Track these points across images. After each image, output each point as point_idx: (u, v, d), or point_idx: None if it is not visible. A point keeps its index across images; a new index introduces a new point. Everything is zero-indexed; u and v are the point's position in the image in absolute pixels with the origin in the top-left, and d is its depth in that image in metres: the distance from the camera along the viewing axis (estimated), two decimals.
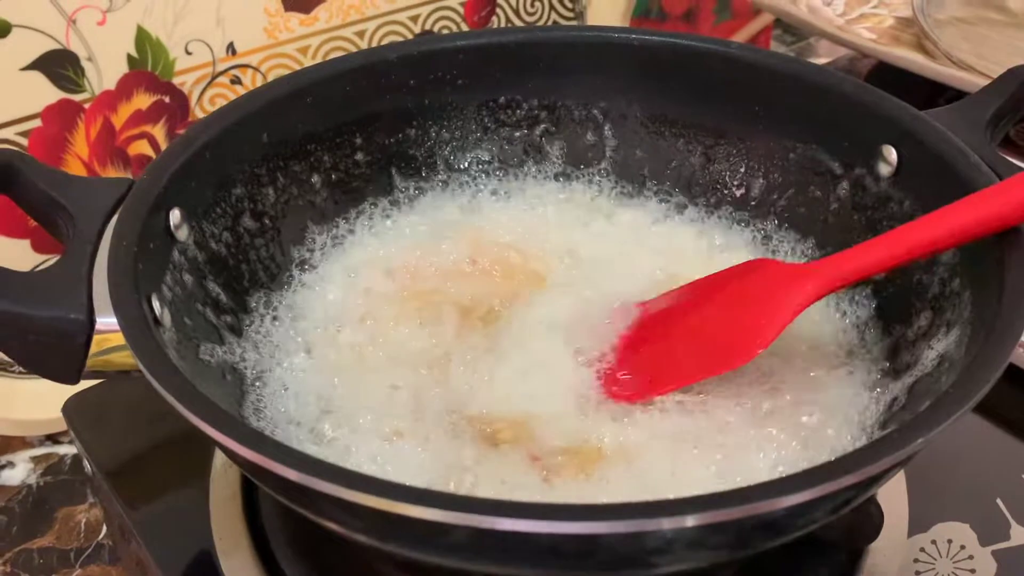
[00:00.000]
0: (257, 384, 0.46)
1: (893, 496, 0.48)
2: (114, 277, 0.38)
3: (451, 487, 0.40)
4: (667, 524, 0.30)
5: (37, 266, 0.70)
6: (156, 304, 0.40)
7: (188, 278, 0.45)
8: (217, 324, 0.45)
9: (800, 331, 0.48)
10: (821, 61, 1.02)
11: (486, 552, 0.34)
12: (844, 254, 0.43)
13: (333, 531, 0.36)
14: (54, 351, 0.38)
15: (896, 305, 0.46)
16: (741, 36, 0.99)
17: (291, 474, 0.31)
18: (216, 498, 0.49)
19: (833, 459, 0.32)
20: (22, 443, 0.71)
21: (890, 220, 0.48)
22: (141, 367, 0.35)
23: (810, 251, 0.53)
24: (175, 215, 0.45)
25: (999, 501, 0.49)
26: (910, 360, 0.43)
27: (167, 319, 0.41)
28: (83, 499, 0.68)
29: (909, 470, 0.49)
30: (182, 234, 0.45)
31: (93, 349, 0.39)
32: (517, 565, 0.34)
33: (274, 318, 0.50)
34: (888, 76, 0.84)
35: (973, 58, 0.81)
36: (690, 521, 0.30)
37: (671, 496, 0.31)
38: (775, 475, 0.41)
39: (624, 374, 0.46)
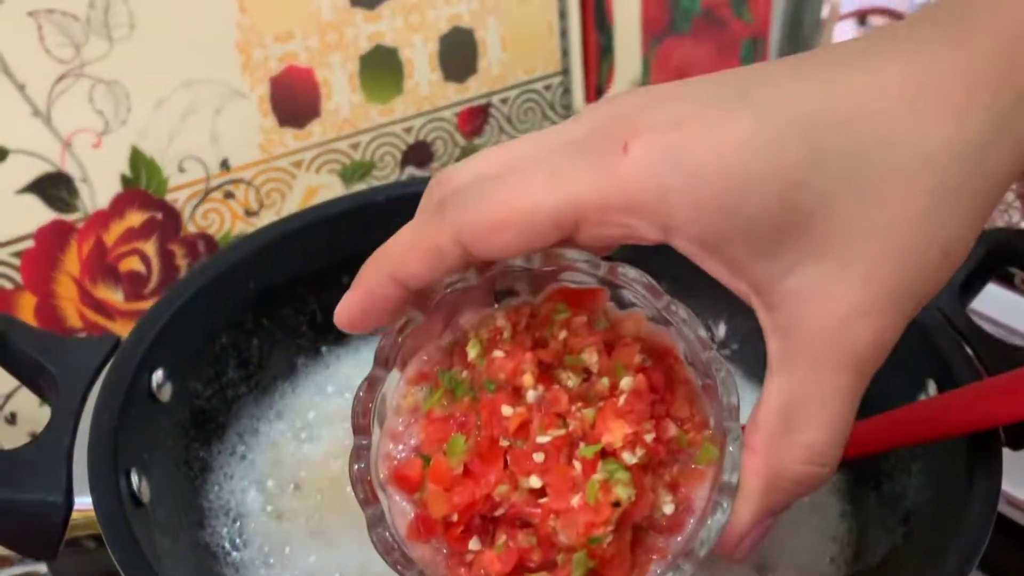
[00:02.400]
0: (238, 544, 0.46)
1: None
2: (93, 456, 0.38)
3: None
4: None
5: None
6: (135, 479, 0.40)
7: (171, 440, 0.45)
8: (197, 486, 0.46)
9: None
10: None
11: None
12: None
13: None
14: (31, 531, 0.38)
15: (864, 485, 0.47)
16: None
17: None
18: None
19: None
20: (2, 561, 0.71)
21: None
22: (111, 555, 0.35)
23: None
24: (158, 376, 0.45)
25: None
26: (878, 541, 0.43)
27: (147, 494, 0.41)
28: None
29: None
30: (165, 394, 0.46)
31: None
32: None
33: (252, 468, 0.50)
34: None
35: None
36: None
37: None
38: None
39: None
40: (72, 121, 0.69)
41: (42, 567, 0.71)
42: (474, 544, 0.31)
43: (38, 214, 0.69)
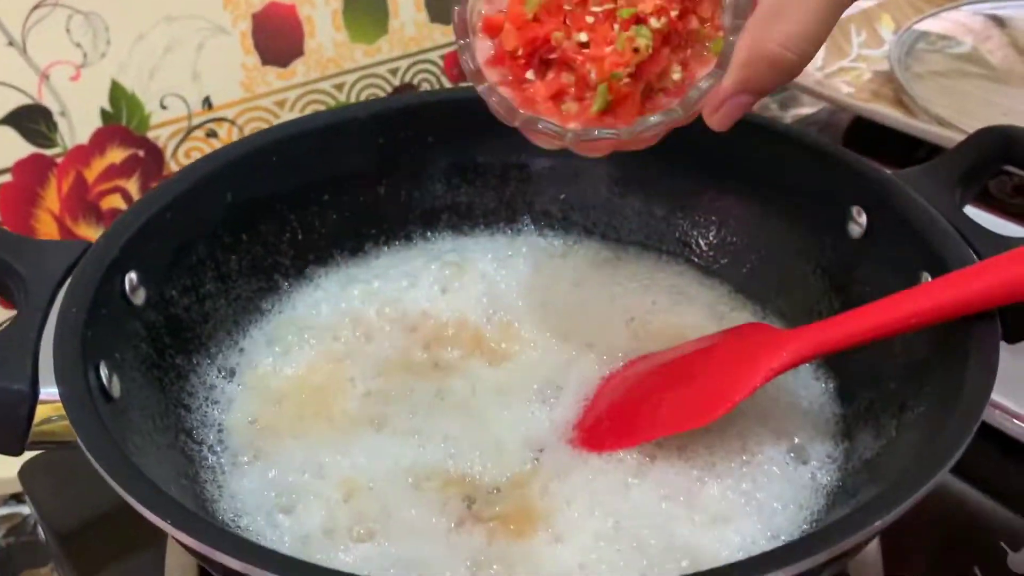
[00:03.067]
0: (216, 445, 0.45)
1: (868, 566, 0.46)
2: (60, 347, 0.37)
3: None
4: None
5: (3, 323, 0.69)
6: (105, 372, 0.39)
7: (145, 343, 0.44)
8: (174, 392, 0.44)
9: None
10: (804, 111, 1.02)
11: None
12: (820, 325, 0.43)
13: None
14: None
15: (866, 374, 0.45)
16: None
17: (232, 563, 0.30)
18: (171, 567, 0.47)
19: (804, 536, 0.31)
20: None
21: (860, 284, 0.47)
22: (81, 443, 0.34)
23: (778, 311, 0.53)
24: (132, 278, 0.44)
25: (976, 569, 0.48)
26: (877, 430, 0.42)
27: (117, 388, 0.40)
28: (46, 560, 0.66)
29: (884, 537, 0.48)
30: (139, 298, 0.44)
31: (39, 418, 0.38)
32: None
33: (232, 380, 0.49)
34: (866, 130, 0.84)
35: (950, 113, 0.81)
36: None
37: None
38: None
39: (597, 425, 0.46)
40: (49, 52, 0.67)
41: (26, 508, 0.70)
42: (530, 75, 0.42)
43: (16, 147, 0.68)
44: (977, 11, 0.99)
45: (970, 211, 0.48)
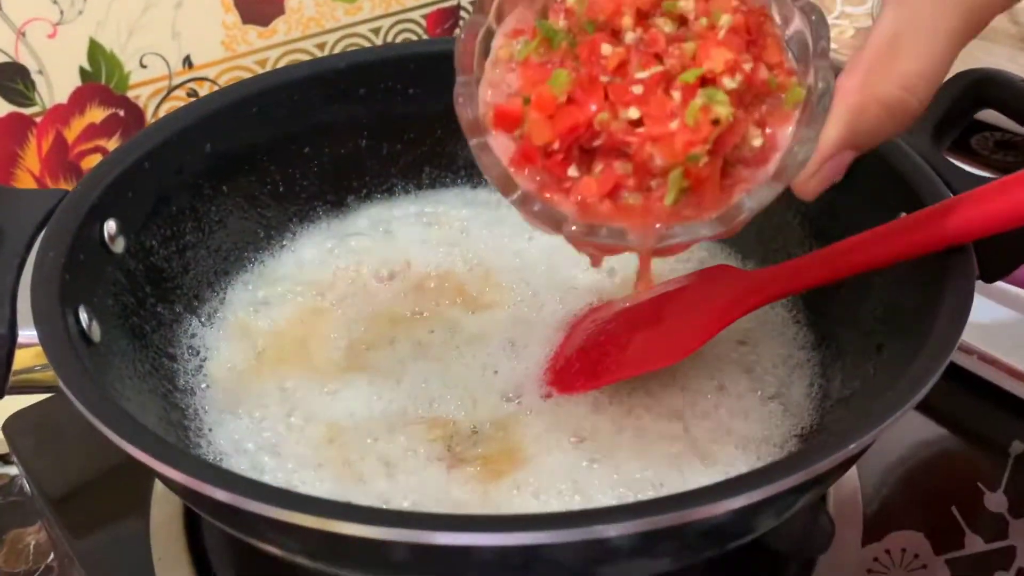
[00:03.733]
0: (199, 391, 0.45)
1: (846, 506, 0.47)
2: (37, 289, 0.37)
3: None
4: (611, 532, 0.29)
5: None
6: (84, 317, 0.39)
7: (125, 291, 0.44)
8: (155, 340, 0.44)
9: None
10: None
11: (429, 567, 0.33)
12: (789, 265, 0.43)
13: (273, 554, 0.34)
14: None
15: (844, 314, 0.46)
16: None
17: (221, 495, 0.30)
18: (157, 520, 0.47)
19: (777, 460, 0.32)
20: None
21: (840, 228, 0.47)
22: (60, 382, 0.34)
23: (758, 259, 0.53)
24: (111, 226, 0.44)
25: (954, 509, 0.49)
26: (854, 369, 0.42)
27: (97, 333, 0.40)
28: (34, 520, 0.66)
29: (863, 479, 0.48)
30: (118, 246, 0.44)
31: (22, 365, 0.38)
32: None
33: (214, 329, 0.49)
34: None
35: None
36: (633, 528, 0.29)
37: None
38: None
39: (568, 368, 0.46)
40: (25, 9, 0.66)
41: (12, 469, 0.70)
42: (573, 171, 0.33)
43: None
44: None
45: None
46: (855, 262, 0.41)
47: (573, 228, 0.32)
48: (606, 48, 0.32)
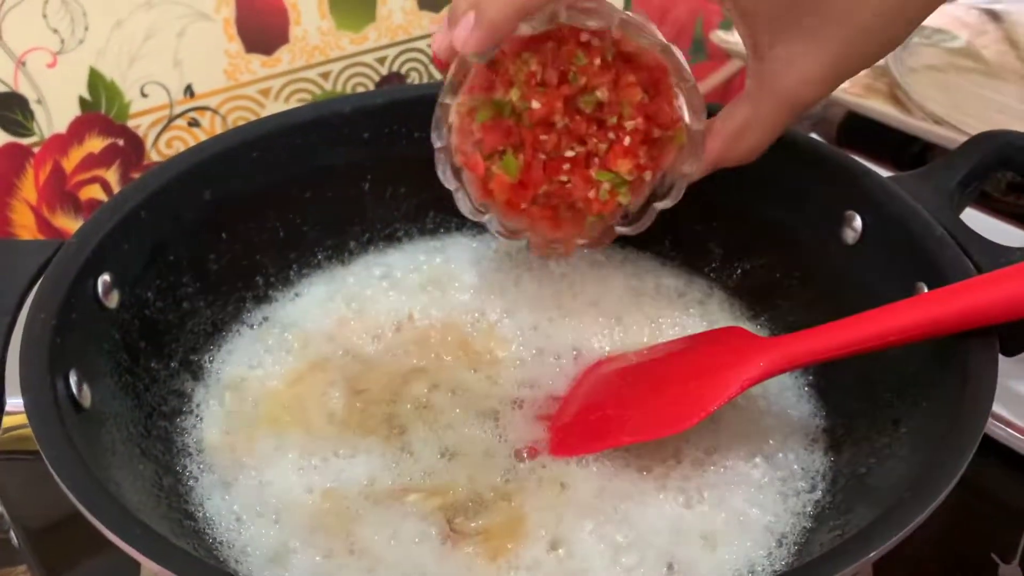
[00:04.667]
0: (194, 453, 0.44)
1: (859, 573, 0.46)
2: (26, 355, 0.36)
3: None
4: None
5: None
6: (75, 380, 0.38)
7: (118, 347, 0.43)
8: (149, 399, 0.43)
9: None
10: None
11: None
12: (803, 335, 0.42)
13: None
14: None
15: (857, 386, 0.44)
16: (717, 78, 0.98)
17: None
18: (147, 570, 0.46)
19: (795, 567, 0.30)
20: None
21: (852, 292, 0.46)
22: (44, 456, 0.32)
23: (767, 317, 0.52)
24: (105, 280, 0.43)
25: None
26: (868, 444, 0.41)
27: (88, 398, 0.38)
28: (22, 559, 0.65)
29: None
30: (112, 300, 0.43)
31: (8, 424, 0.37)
32: None
33: (209, 385, 0.48)
34: (860, 124, 0.84)
35: (945, 110, 0.80)
36: None
37: None
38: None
39: (570, 430, 0.45)
40: (25, 39, 0.65)
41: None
42: (524, 204, 0.47)
43: None
44: (973, 5, 0.99)
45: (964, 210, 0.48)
46: (873, 335, 0.39)
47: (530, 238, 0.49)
48: (543, 137, 0.45)
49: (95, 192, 0.72)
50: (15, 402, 0.36)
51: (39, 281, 0.40)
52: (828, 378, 0.47)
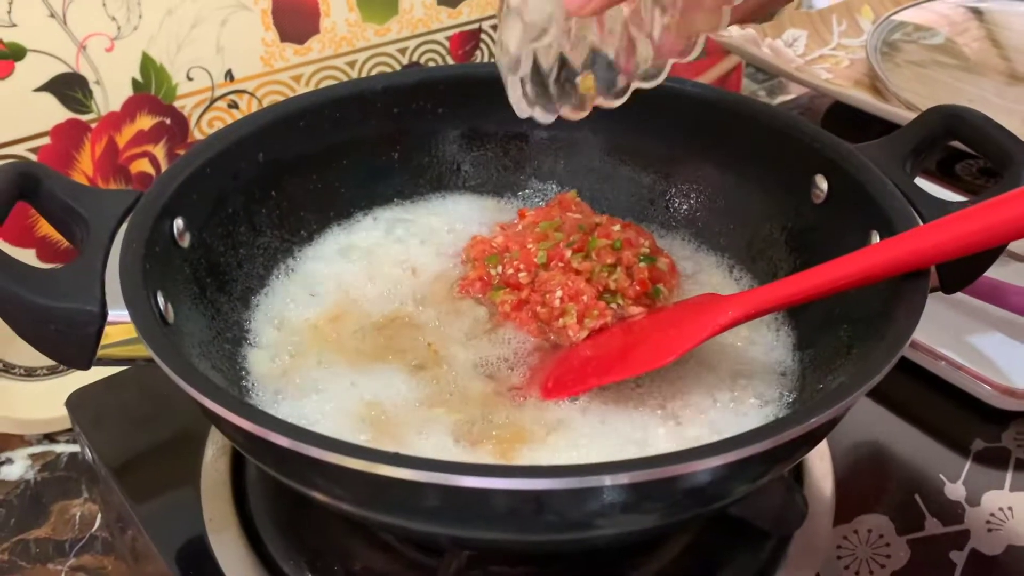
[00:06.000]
0: (249, 374, 0.51)
1: (820, 490, 0.53)
2: (125, 275, 0.43)
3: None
4: (608, 481, 0.35)
5: None
6: (161, 301, 0.45)
7: (190, 281, 0.50)
8: (216, 325, 0.50)
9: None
10: (789, 97, 1.08)
11: (456, 512, 0.39)
12: (767, 288, 0.48)
13: (316, 500, 0.40)
14: (70, 339, 0.43)
15: (820, 323, 0.52)
16: (713, 73, 1.04)
17: (282, 440, 0.36)
18: (207, 486, 0.53)
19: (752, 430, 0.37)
20: (21, 441, 0.74)
21: (818, 245, 0.53)
22: (150, 351, 0.40)
23: (747, 271, 0.59)
24: (179, 223, 0.50)
25: (917, 496, 0.54)
26: (829, 364, 0.48)
27: (172, 316, 0.46)
28: (78, 494, 0.71)
29: (836, 467, 0.54)
30: (185, 241, 0.50)
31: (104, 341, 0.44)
32: (478, 526, 0.39)
33: (261, 319, 0.55)
34: (844, 112, 0.90)
35: (919, 99, 0.87)
36: (626, 479, 0.35)
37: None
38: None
39: (560, 377, 0.51)
40: (86, 24, 0.73)
41: (57, 447, 0.76)
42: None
43: (54, 113, 0.74)
44: (959, 3, 1.04)
45: (935, 189, 0.54)
46: (826, 282, 0.46)
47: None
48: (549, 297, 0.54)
49: (144, 166, 0.80)
50: (117, 313, 0.43)
51: (128, 218, 0.47)
52: (798, 317, 0.54)
